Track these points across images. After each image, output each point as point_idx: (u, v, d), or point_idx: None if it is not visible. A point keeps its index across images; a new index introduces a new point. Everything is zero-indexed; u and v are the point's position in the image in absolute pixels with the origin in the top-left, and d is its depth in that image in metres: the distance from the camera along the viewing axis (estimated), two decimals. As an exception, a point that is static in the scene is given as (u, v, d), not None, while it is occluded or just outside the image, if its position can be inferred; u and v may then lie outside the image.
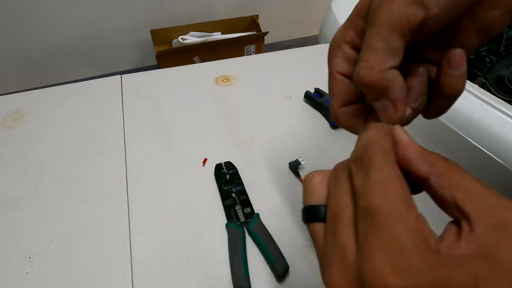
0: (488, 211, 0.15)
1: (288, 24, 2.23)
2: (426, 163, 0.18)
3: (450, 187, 0.16)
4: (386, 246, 0.14)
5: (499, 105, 0.57)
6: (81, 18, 1.71)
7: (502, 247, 0.14)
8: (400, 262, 0.14)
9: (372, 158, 0.17)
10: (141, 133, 0.54)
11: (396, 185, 0.16)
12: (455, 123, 0.57)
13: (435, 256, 0.14)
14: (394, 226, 0.15)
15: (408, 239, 0.14)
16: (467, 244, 0.14)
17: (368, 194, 0.16)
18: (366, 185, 0.16)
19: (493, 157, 0.51)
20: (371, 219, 0.15)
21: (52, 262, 0.38)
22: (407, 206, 0.15)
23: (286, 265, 0.36)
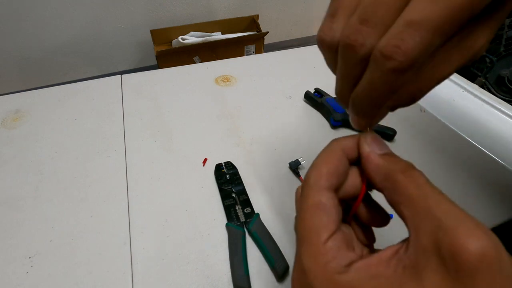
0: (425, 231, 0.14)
1: (288, 24, 2.23)
2: (382, 176, 0.18)
3: (398, 203, 0.16)
4: (297, 265, 0.18)
5: (499, 105, 0.57)
6: (81, 18, 1.71)
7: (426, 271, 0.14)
8: (302, 279, 0.17)
9: (304, 186, 0.19)
10: (141, 133, 0.54)
11: (311, 213, 0.18)
12: (455, 123, 0.57)
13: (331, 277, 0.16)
14: (301, 249, 0.18)
15: (308, 261, 0.17)
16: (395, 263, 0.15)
17: (296, 219, 0.19)
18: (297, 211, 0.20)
19: (493, 157, 0.51)
20: (296, 240, 0.19)
21: (52, 262, 0.38)
22: (317, 233, 0.17)
23: (286, 265, 0.36)
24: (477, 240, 0.13)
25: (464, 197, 0.45)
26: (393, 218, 0.20)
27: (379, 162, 0.18)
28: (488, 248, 0.13)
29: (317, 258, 0.17)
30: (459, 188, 0.46)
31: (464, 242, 0.13)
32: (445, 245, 0.13)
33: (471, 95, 0.59)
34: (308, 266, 0.17)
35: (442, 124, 0.57)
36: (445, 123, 0.57)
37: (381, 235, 0.24)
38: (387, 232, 0.25)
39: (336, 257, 0.17)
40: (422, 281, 0.14)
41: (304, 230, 0.18)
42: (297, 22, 2.25)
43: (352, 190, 0.20)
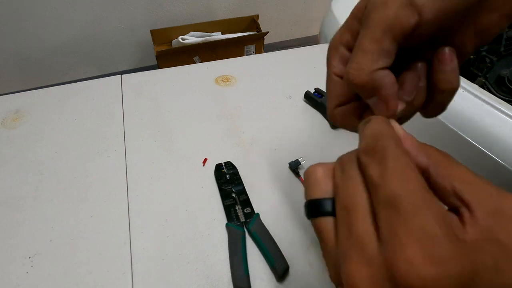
0: (484, 198, 0.16)
1: (288, 24, 2.23)
2: (425, 155, 0.18)
3: (448, 177, 0.17)
4: (416, 236, 0.14)
5: (499, 105, 0.57)
6: (81, 18, 1.71)
7: (501, 230, 0.15)
8: (433, 251, 0.13)
9: (386, 148, 0.17)
10: (141, 133, 0.54)
11: (415, 173, 0.16)
12: (455, 123, 0.57)
13: (462, 243, 0.14)
14: (421, 214, 0.14)
15: (438, 227, 0.14)
16: (471, 229, 0.15)
17: (388, 183, 0.15)
18: (385, 175, 0.16)
19: (493, 157, 0.51)
20: (395, 209, 0.15)
21: (52, 262, 0.38)
22: (430, 194, 0.15)
23: (286, 265, 0.36)
24: None
25: (464, 197, 0.45)
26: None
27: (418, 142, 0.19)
28: None
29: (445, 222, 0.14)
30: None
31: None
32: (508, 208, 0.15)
33: (471, 95, 0.59)
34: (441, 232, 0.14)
35: (442, 124, 0.57)
36: (445, 123, 0.57)
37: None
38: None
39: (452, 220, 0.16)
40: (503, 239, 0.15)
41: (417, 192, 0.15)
42: (297, 22, 2.25)
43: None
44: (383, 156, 0.16)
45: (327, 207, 0.19)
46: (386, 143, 0.17)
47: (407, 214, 0.14)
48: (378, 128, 0.18)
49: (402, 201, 0.15)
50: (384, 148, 0.17)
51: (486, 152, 0.52)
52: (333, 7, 0.99)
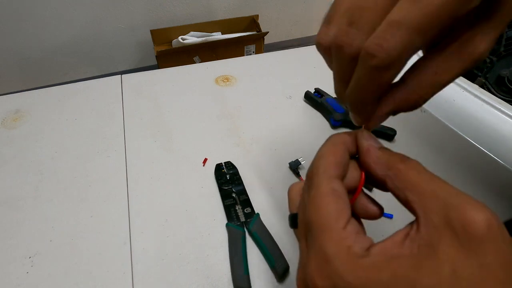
0: (433, 210, 0.16)
1: (288, 24, 2.23)
2: (383, 166, 0.19)
3: (403, 188, 0.18)
4: (316, 255, 0.17)
5: (499, 105, 0.57)
6: (81, 18, 1.71)
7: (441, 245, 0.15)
8: (324, 268, 0.16)
9: (314, 176, 0.19)
10: (141, 133, 0.54)
11: (327, 200, 0.18)
12: (455, 123, 0.57)
13: (356, 261, 0.16)
14: (321, 237, 0.17)
15: (331, 248, 0.17)
16: (409, 244, 0.16)
17: (307, 209, 0.19)
18: (307, 201, 0.19)
19: (493, 157, 0.51)
20: (309, 232, 0.18)
21: (52, 262, 0.38)
22: (335, 219, 0.17)
23: (286, 265, 0.36)
24: (483, 213, 0.14)
25: (464, 197, 0.45)
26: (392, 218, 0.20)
27: (379, 154, 0.20)
28: (492, 219, 0.14)
29: (340, 243, 0.17)
30: (459, 188, 0.46)
31: (472, 215, 0.14)
32: (455, 220, 0.15)
33: (471, 95, 0.59)
34: (333, 252, 0.16)
35: (442, 124, 0.57)
36: (445, 123, 0.57)
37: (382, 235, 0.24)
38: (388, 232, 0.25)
39: (356, 241, 0.17)
40: (438, 255, 0.14)
41: (321, 217, 0.18)
42: (297, 22, 2.25)
43: (352, 183, 0.20)
44: (310, 184, 0.19)
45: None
46: (315, 171, 0.19)
47: (314, 236, 0.18)
48: (320, 153, 0.20)
49: (312, 225, 0.18)
50: (312, 175, 0.19)
51: (486, 152, 0.52)
52: (333, 7, 0.99)
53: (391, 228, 0.22)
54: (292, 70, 0.70)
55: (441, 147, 0.53)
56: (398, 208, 0.24)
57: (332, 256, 0.16)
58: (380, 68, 0.16)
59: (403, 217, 0.33)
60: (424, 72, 0.18)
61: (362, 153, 0.20)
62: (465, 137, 0.55)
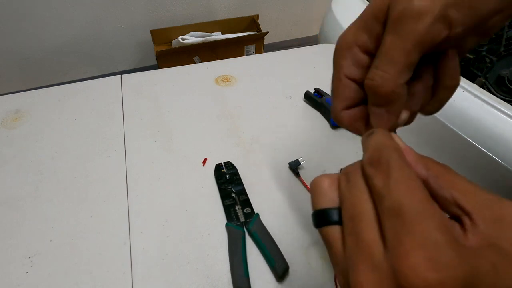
0: (484, 206, 0.16)
1: (288, 24, 2.23)
2: (424, 167, 0.19)
3: (448, 188, 0.17)
4: (419, 243, 0.14)
5: (499, 105, 0.57)
6: (81, 18, 1.71)
7: (501, 236, 0.15)
8: (436, 257, 0.14)
9: (390, 159, 0.18)
10: (141, 133, 0.54)
11: (418, 183, 0.16)
12: (455, 123, 0.57)
13: (463, 249, 0.15)
14: (425, 223, 0.15)
15: (440, 234, 0.15)
16: (472, 237, 0.16)
17: (393, 193, 0.16)
18: (389, 185, 0.17)
19: (493, 157, 0.51)
20: (399, 218, 0.15)
21: (52, 262, 0.38)
22: (432, 203, 0.16)
23: (286, 265, 0.36)
24: None
25: (464, 197, 0.45)
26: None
27: (418, 155, 0.19)
28: None
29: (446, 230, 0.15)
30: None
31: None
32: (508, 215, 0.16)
33: (471, 95, 0.59)
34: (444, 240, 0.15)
35: (442, 124, 0.57)
36: (445, 123, 0.57)
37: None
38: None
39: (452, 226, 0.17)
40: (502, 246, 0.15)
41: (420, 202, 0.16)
42: (297, 22, 2.25)
43: None
44: (387, 167, 0.17)
45: (334, 216, 0.19)
46: (390, 155, 0.18)
47: (411, 223, 0.15)
48: (381, 140, 0.19)
49: (406, 210, 0.15)
50: (388, 159, 0.18)
51: (486, 152, 0.52)
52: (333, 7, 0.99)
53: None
54: (292, 70, 0.70)
55: (441, 147, 0.53)
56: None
57: (444, 243, 0.14)
58: None
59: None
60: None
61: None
62: (465, 137, 0.55)
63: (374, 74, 0.20)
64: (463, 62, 0.71)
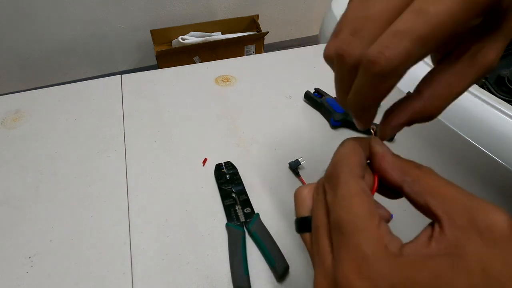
0: (457, 213, 0.16)
1: (288, 24, 2.23)
2: (400, 172, 0.19)
3: (422, 193, 0.18)
4: (351, 255, 0.16)
5: (499, 105, 0.57)
6: (81, 18, 1.71)
7: (468, 245, 0.15)
8: (363, 268, 0.16)
9: (339, 175, 0.19)
10: (141, 133, 0.54)
11: (358, 199, 0.18)
12: (455, 123, 0.57)
13: (395, 260, 0.16)
14: (357, 236, 0.17)
15: (369, 247, 0.16)
16: (435, 245, 0.16)
17: (336, 208, 0.18)
18: (334, 201, 0.18)
19: (493, 157, 0.51)
20: (339, 231, 0.17)
21: (52, 262, 0.38)
22: (369, 217, 0.17)
23: (286, 265, 0.36)
24: (504, 214, 0.15)
25: (464, 197, 0.45)
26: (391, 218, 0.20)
27: (395, 160, 0.20)
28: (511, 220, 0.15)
29: (377, 242, 0.16)
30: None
31: (495, 217, 0.15)
32: (480, 222, 0.15)
33: (471, 95, 0.59)
34: (371, 251, 0.16)
35: (442, 124, 0.57)
36: (445, 123, 0.57)
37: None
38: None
39: (391, 240, 0.17)
40: (467, 255, 0.15)
41: (355, 216, 0.17)
42: (297, 22, 2.25)
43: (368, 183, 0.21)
44: (336, 183, 0.19)
45: (309, 224, 0.21)
46: (340, 170, 0.19)
47: (347, 236, 0.17)
48: (341, 154, 0.20)
49: (344, 225, 0.17)
50: (338, 175, 0.19)
51: (486, 152, 0.52)
52: (333, 7, 0.99)
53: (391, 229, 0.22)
54: (292, 70, 0.70)
55: (441, 147, 0.53)
56: (397, 210, 0.24)
57: (371, 255, 0.16)
58: (381, 76, 0.17)
59: (402, 218, 0.33)
60: (438, 84, 0.19)
61: (377, 158, 0.20)
62: (465, 137, 0.55)
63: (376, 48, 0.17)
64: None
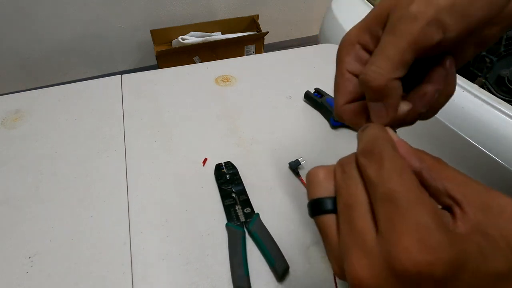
0: (474, 197, 0.17)
1: (288, 24, 2.23)
2: (417, 159, 0.19)
3: (440, 179, 0.18)
4: (411, 227, 0.15)
5: (499, 105, 0.57)
6: (81, 18, 1.71)
7: (489, 224, 0.16)
8: (427, 240, 0.15)
9: (383, 150, 0.19)
10: (141, 133, 0.54)
11: (409, 173, 0.18)
12: (455, 123, 0.57)
13: (452, 234, 0.16)
14: (416, 208, 0.16)
15: (431, 219, 0.16)
16: (461, 224, 0.17)
17: (386, 181, 0.17)
18: (382, 174, 0.18)
19: (493, 157, 0.51)
20: (392, 204, 0.16)
21: (52, 262, 0.38)
22: (422, 191, 0.17)
23: (286, 265, 0.36)
24: (509, 198, 0.17)
25: (464, 197, 0.45)
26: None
27: (411, 148, 0.20)
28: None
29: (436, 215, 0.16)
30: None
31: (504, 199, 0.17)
32: (494, 204, 0.17)
33: (471, 95, 0.59)
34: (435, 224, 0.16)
35: (442, 124, 0.57)
36: (445, 123, 0.57)
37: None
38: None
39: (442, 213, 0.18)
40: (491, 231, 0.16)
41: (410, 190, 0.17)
42: (297, 22, 2.25)
43: None
44: (380, 157, 0.18)
45: (329, 205, 0.20)
46: (382, 146, 0.19)
47: (403, 208, 0.16)
48: (375, 133, 0.20)
49: (398, 197, 0.16)
50: (381, 150, 0.19)
51: (486, 152, 0.52)
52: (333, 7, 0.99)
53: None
54: (292, 70, 0.70)
55: (441, 147, 0.53)
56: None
57: (435, 228, 0.15)
58: None
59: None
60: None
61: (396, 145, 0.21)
62: (465, 137, 0.55)
63: (368, 69, 0.21)
64: (463, 62, 0.72)
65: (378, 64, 0.20)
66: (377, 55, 0.21)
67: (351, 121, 0.25)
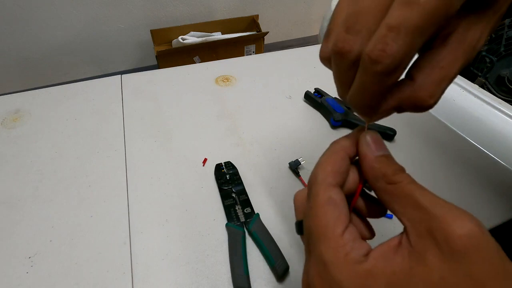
0: (418, 222, 0.17)
1: (288, 24, 2.23)
2: (374, 176, 0.19)
3: (390, 201, 0.18)
4: (315, 261, 0.18)
5: (499, 105, 0.57)
6: (81, 18, 1.71)
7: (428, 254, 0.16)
8: (323, 274, 0.17)
9: (312, 185, 0.20)
10: (141, 133, 0.54)
11: (324, 209, 0.19)
12: (455, 123, 0.57)
13: (353, 267, 0.17)
14: (319, 244, 0.18)
15: (329, 255, 0.18)
16: (401, 250, 0.17)
17: (307, 218, 0.20)
18: (306, 210, 0.20)
19: (493, 157, 0.51)
20: (309, 239, 0.19)
21: (52, 262, 0.38)
22: (332, 227, 0.18)
23: (286, 265, 0.36)
24: (463, 224, 0.15)
25: (464, 197, 0.45)
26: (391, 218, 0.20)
27: (373, 164, 0.20)
28: (475, 230, 0.15)
29: (337, 251, 0.17)
30: (459, 188, 0.46)
31: (453, 228, 0.15)
32: (437, 232, 0.15)
33: (471, 95, 0.59)
34: (330, 259, 0.17)
35: (442, 124, 0.57)
36: (445, 123, 0.57)
37: (382, 234, 0.25)
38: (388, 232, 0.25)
39: (354, 247, 0.18)
40: (426, 263, 0.15)
41: (319, 226, 0.18)
42: (297, 22, 2.25)
43: (353, 186, 0.21)
44: (309, 193, 0.20)
45: None
46: (313, 180, 0.20)
47: (313, 243, 0.19)
48: (320, 161, 0.21)
49: (311, 233, 0.19)
50: (311, 185, 0.20)
51: (486, 152, 0.52)
52: (333, 7, 0.99)
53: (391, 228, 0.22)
54: (292, 70, 0.70)
55: (441, 147, 0.53)
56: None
57: (330, 263, 0.17)
58: (385, 73, 0.16)
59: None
60: (430, 68, 0.18)
61: (360, 158, 0.21)
62: (465, 137, 0.55)
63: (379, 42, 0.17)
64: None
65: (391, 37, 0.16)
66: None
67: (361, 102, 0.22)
